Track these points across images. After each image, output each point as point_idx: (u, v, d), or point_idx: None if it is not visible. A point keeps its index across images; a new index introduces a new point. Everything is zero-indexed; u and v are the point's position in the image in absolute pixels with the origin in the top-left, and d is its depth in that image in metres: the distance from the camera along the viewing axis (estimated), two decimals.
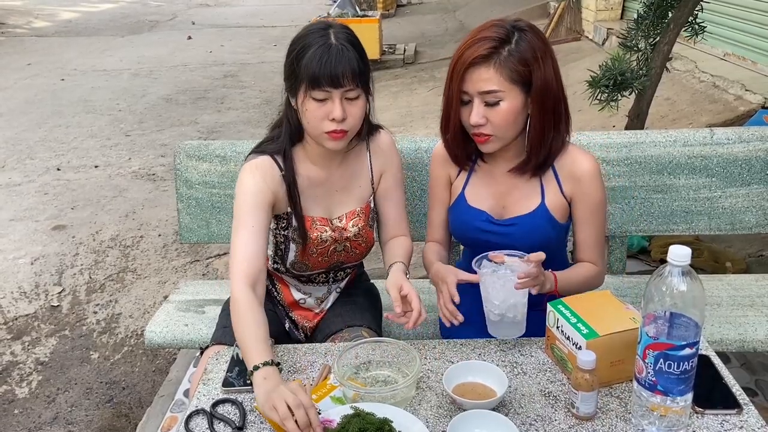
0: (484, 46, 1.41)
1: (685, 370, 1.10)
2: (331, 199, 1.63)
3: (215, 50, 9.64)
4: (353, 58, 1.43)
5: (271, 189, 1.53)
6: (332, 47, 1.42)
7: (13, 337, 2.98)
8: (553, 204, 1.55)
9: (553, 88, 1.46)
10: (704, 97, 4.51)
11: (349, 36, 1.47)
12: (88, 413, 2.49)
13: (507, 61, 1.41)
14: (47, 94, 7.40)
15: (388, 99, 6.61)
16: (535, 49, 1.43)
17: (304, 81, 1.42)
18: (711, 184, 2.05)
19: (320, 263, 1.65)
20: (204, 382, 1.34)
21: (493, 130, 1.46)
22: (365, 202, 1.66)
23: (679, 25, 2.55)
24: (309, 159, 1.59)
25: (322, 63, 1.40)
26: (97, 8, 14.96)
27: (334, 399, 1.26)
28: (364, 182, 1.66)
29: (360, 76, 1.44)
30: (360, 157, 1.65)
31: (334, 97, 1.43)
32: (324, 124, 1.45)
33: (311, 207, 1.61)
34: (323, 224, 1.61)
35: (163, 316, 2.00)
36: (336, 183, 1.62)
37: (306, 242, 1.59)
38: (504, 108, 1.44)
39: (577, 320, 1.28)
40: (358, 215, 1.64)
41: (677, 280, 1.07)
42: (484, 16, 10.62)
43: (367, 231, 1.66)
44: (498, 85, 1.42)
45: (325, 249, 1.62)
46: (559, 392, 1.27)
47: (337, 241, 1.62)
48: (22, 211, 4.31)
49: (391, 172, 1.68)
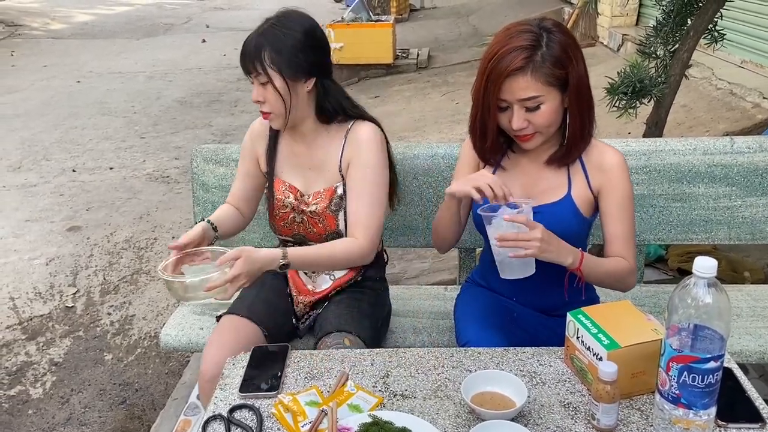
0: (518, 57, 1.41)
1: (710, 383, 1.08)
2: (305, 173, 1.75)
3: (229, 53, 9.68)
4: (263, 45, 1.57)
5: (258, 144, 1.79)
6: (251, 39, 1.59)
7: (27, 337, 2.99)
8: (579, 196, 1.55)
9: (586, 82, 1.49)
10: (721, 105, 4.48)
11: (275, 24, 1.60)
12: (101, 414, 2.50)
13: (542, 67, 1.42)
14: (63, 96, 7.47)
15: (401, 103, 6.62)
16: (566, 47, 1.44)
17: None
18: (731, 193, 2.03)
19: (284, 228, 1.77)
20: (221, 387, 1.34)
21: (536, 128, 1.49)
22: (331, 186, 1.72)
23: (698, 32, 2.52)
24: (292, 132, 1.76)
25: (242, 53, 1.61)
26: (112, 11, 15.10)
27: (351, 407, 1.25)
28: (333, 166, 1.72)
29: (262, 61, 1.57)
30: (335, 142, 1.72)
31: (253, 81, 1.62)
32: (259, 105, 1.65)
33: (289, 174, 1.76)
34: (291, 191, 1.74)
35: (178, 320, 2.00)
36: (308, 161, 1.74)
37: (269, 199, 1.76)
38: (545, 110, 1.46)
39: (598, 330, 1.26)
40: (321, 196, 1.72)
41: (702, 292, 1.06)
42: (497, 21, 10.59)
43: (327, 215, 1.71)
44: (536, 90, 1.43)
45: (285, 215, 1.75)
46: (579, 403, 1.26)
47: (296, 210, 1.73)
48: (38, 212, 4.34)
49: (356, 165, 1.68)
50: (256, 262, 1.52)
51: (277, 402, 1.27)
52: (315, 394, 1.29)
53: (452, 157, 2.06)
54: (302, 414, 1.23)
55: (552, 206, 1.56)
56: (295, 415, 1.23)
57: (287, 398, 1.27)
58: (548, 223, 1.50)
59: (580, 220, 1.56)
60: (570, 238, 1.52)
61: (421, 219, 2.11)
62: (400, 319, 1.97)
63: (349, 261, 1.69)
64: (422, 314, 2.01)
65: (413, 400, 1.27)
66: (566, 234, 1.51)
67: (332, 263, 1.70)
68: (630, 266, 1.55)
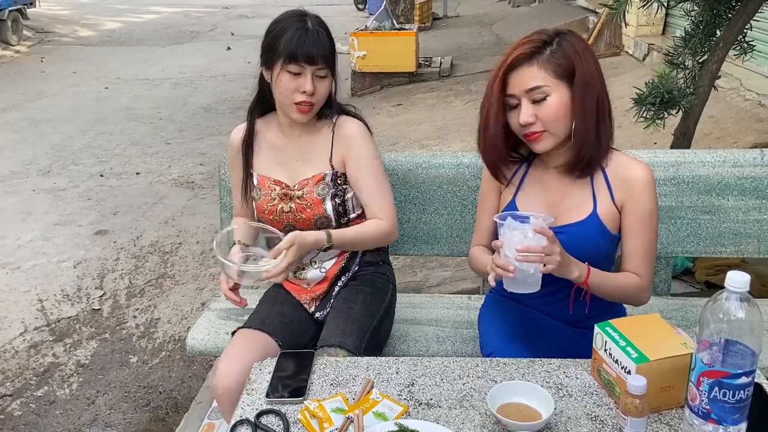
0: (526, 48, 1.45)
1: (741, 398, 1.07)
2: (290, 165, 1.79)
3: (253, 61, 9.68)
4: (326, 42, 1.66)
5: (239, 153, 1.82)
6: (309, 30, 1.64)
7: (55, 338, 3.05)
8: (604, 213, 1.53)
9: (597, 83, 1.47)
10: (749, 116, 4.41)
11: (322, 24, 1.69)
12: (126, 416, 2.53)
13: (550, 59, 1.44)
14: (92, 102, 7.62)
15: (423, 111, 6.63)
16: (577, 47, 1.46)
17: (282, 56, 1.63)
18: (761, 206, 2.00)
19: (273, 222, 1.77)
20: (248, 392, 1.35)
21: (543, 125, 1.47)
22: (319, 173, 1.76)
23: (728, 43, 2.50)
24: (275, 127, 1.81)
25: (301, 42, 1.62)
26: (140, 19, 15.37)
27: (376, 415, 1.25)
28: (322, 157, 1.77)
29: (330, 58, 1.66)
30: (322, 134, 1.78)
31: (306, 72, 1.64)
32: (295, 95, 1.65)
33: (273, 170, 1.79)
34: (276, 185, 1.77)
35: (205, 324, 2.02)
36: (294, 152, 1.79)
37: (252, 197, 1.80)
38: (551, 102, 1.45)
39: (627, 343, 1.25)
40: (308, 181, 1.76)
41: (735, 307, 1.05)
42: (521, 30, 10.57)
43: (314, 198, 1.74)
44: (543, 80, 1.44)
45: (274, 207, 1.77)
46: (607, 417, 1.25)
47: (283, 200, 1.76)
48: (66, 216, 4.43)
49: (355, 158, 1.75)
50: (305, 247, 1.64)
51: (304, 408, 1.28)
52: (341, 401, 1.30)
53: (477, 166, 2.06)
54: (328, 420, 1.24)
55: (578, 225, 1.53)
56: (321, 421, 1.24)
57: (313, 404, 1.28)
58: (576, 243, 1.50)
59: (607, 237, 1.54)
60: (598, 255, 1.52)
61: (446, 228, 2.11)
62: (424, 327, 1.97)
63: (379, 239, 1.78)
64: (446, 323, 2.01)
65: (438, 409, 1.27)
66: (595, 252, 1.51)
67: (366, 242, 1.78)
68: (641, 283, 1.53)
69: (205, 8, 17.11)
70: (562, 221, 1.55)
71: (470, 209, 2.09)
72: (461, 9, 14.36)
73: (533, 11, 11.47)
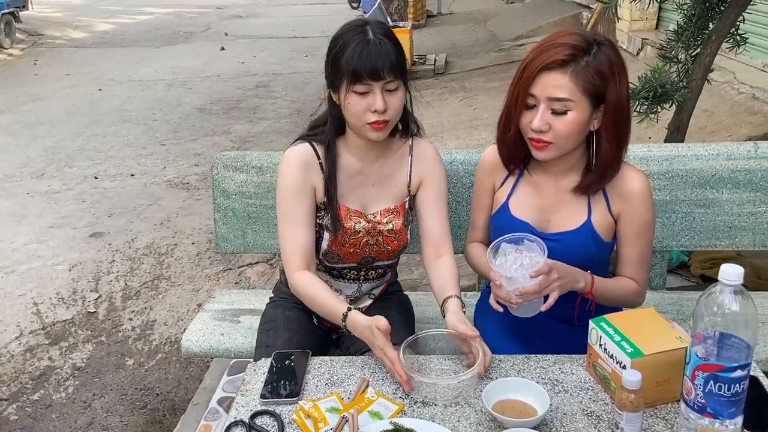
0: (563, 52, 1.37)
1: (736, 392, 1.07)
2: (366, 192, 1.66)
3: (247, 61, 9.78)
4: (391, 51, 1.49)
5: (309, 177, 1.60)
6: (371, 42, 1.48)
7: (51, 342, 3.03)
8: (599, 222, 1.52)
9: (626, 107, 1.45)
10: (744, 109, 4.42)
11: (386, 31, 1.53)
12: (123, 419, 2.52)
13: (584, 71, 1.38)
14: (85, 104, 7.59)
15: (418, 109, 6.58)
16: (614, 64, 1.40)
17: (346, 76, 1.48)
18: (755, 199, 2.00)
19: (352, 255, 1.66)
20: (242, 393, 1.34)
21: (554, 138, 1.42)
22: (401, 202, 1.68)
23: (720, 36, 2.50)
24: (349, 151, 1.65)
25: (363, 58, 1.46)
26: (133, 20, 15.32)
27: (372, 414, 1.25)
28: (400, 182, 1.68)
29: (398, 67, 1.50)
30: (400, 157, 1.68)
31: (374, 89, 1.49)
32: (366, 115, 1.51)
33: (348, 197, 1.65)
34: (357, 216, 1.64)
35: (200, 325, 2.02)
36: (372, 177, 1.66)
37: (338, 230, 1.61)
38: (570, 118, 1.40)
39: (621, 338, 1.25)
40: (392, 213, 1.66)
41: (729, 300, 1.04)
42: (515, 26, 10.57)
43: (401, 230, 1.67)
44: (570, 93, 1.38)
45: (357, 240, 1.64)
46: (602, 412, 1.24)
47: (370, 233, 1.64)
48: (61, 218, 4.41)
49: (432, 182, 1.68)
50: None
51: (298, 408, 1.27)
52: (336, 401, 1.29)
53: (471, 162, 2.05)
54: (323, 420, 1.23)
55: (572, 234, 1.52)
56: (315, 421, 1.23)
57: (308, 404, 1.27)
58: (568, 251, 1.50)
59: (600, 245, 1.54)
60: (591, 263, 1.52)
61: None
62: (419, 325, 1.96)
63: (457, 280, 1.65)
64: (441, 321, 2.00)
65: (434, 407, 1.27)
66: (587, 260, 1.51)
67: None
68: (637, 288, 1.55)
69: (198, 8, 17.07)
70: (556, 228, 1.54)
71: (464, 206, 2.08)
72: (455, 6, 14.35)
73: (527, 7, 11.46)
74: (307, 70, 8.89)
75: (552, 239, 1.53)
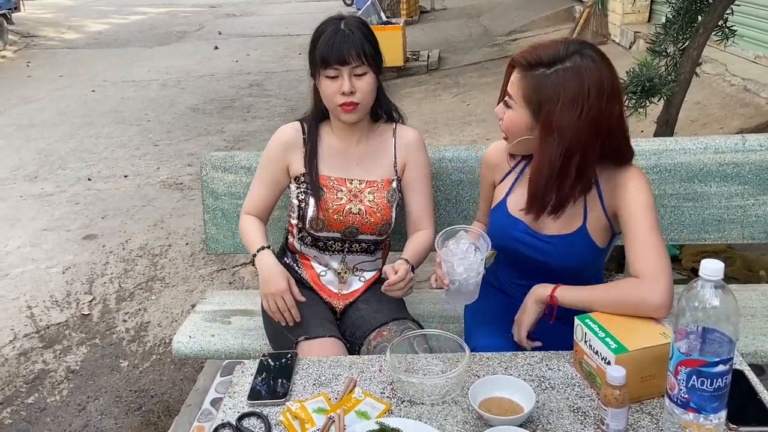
0: (526, 57, 1.42)
1: (719, 387, 1.07)
2: (349, 166, 1.79)
3: (241, 59, 9.75)
4: (359, 39, 1.65)
5: (289, 148, 1.78)
6: (340, 32, 1.65)
7: (44, 345, 3.03)
8: (595, 228, 1.49)
9: (568, 136, 1.36)
10: (735, 101, 4.42)
11: (359, 24, 1.69)
12: (117, 421, 2.52)
13: (528, 80, 1.41)
14: (78, 105, 7.57)
15: (411, 106, 6.61)
16: (560, 91, 1.35)
17: (318, 63, 1.66)
18: (743, 192, 2.01)
19: (336, 223, 1.75)
20: (230, 394, 1.35)
21: (505, 128, 1.51)
22: (386, 178, 1.78)
23: (708, 29, 2.50)
24: (332, 133, 1.81)
25: (331, 45, 1.64)
26: (126, 20, 15.27)
27: (359, 414, 1.25)
28: (386, 163, 1.79)
29: (365, 54, 1.65)
30: (384, 140, 1.81)
31: (343, 73, 1.65)
32: (336, 98, 1.67)
33: (329, 169, 1.78)
34: (340, 183, 1.76)
35: (190, 327, 2.02)
36: (355, 157, 1.79)
37: (320, 196, 1.74)
38: (511, 115, 1.47)
39: (606, 335, 1.25)
40: (376, 185, 1.77)
41: (709, 295, 1.04)
42: (508, 21, 10.56)
43: (384, 205, 1.76)
44: (513, 94, 1.45)
45: (341, 206, 1.74)
46: (588, 408, 1.25)
47: (352, 201, 1.75)
48: (54, 221, 4.40)
49: (415, 165, 1.80)
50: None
51: (285, 409, 1.27)
52: (323, 401, 1.29)
53: (459, 159, 2.05)
54: (310, 421, 1.23)
55: (565, 238, 1.51)
56: (302, 422, 1.23)
57: (295, 405, 1.27)
58: (560, 256, 1.50)
59: (594, 252, 1.52)
60: (584, 269, 1.52)
61: None
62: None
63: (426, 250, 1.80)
64: (432, 318, 2.01)
65: (421, 406, 1.27)
66: (580, 266, 1.51)
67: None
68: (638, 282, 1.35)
69: (192, 7, 17.01)
70: (550, 229, 1.53)
71: (453, 204, 2.08)
72: (448, 1, 14.31)
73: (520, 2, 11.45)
74: (301, 68, 8.82)
75: (545, 240, 1.52)
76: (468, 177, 2.05)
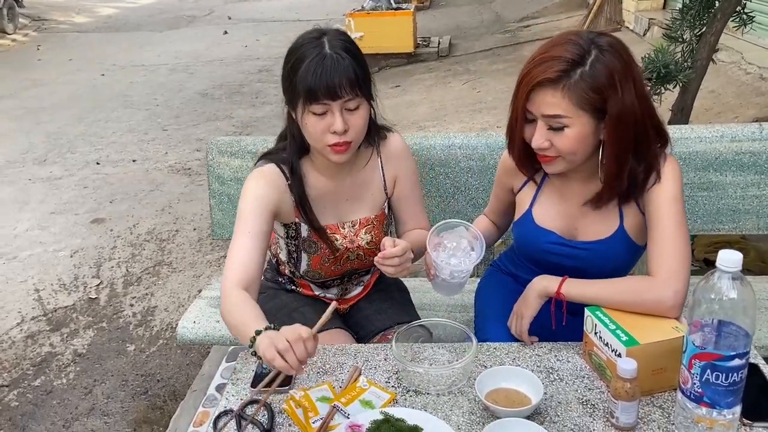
0: (553, 68, 1.27)
1: (734, 381, 1.04)
2: (339, 208, 1.58)
3: (251, 45, 9.71)
4: (349, 66, 1.37)
5: (275, 197, 1.48)
6: (326, 57, 1.36)
7: (52, 328, 3.04)
8: (633, 226, 1.41)
9: (634, 115, 1.29)
10: (751, 90, 4.35)
11: (345, 43, 1.41)
12: (123, 405, 2.52)
13: (577, 86, 1.26)
14: (88, 89, 7.57)
15: (422, 93, 6.55)
16: (613, 72, 1.27)
17: (301, 95, 1.37)
18: (760, 182, 1.96)
19: (333, 272, 1.62)
20: (233, 382, 1.33)
21: (558, 152, 1.34)
22: (380, 210, 1.61)
23: (726, 15, 2.44)
24: (317, 170, 1.55)
25: (318, 75, 1.34)
26: (136, 4, 15.24)
27: (363, 403, 1.23)
28: (376, 190, 1.60)
29: (358, 84, 1.38)
30: (370, 164, 1.59)
31: (333, 109, 1.38)
32: (326, 137, 1.40)
33: (322, 217, 1.56)
34: (333, 232, 1.57)
35: (195, 313, 2.00)
36: (345, 193, 1.57)
37: (317, 251, 1.56)
38: (569, 134, 1.30)
39: (616, 327, 1.22)
40: (372, 223, 1.59)
41: (727, 287, 1.01)
42: (520, 7, 10.43)
43: (381, 237, 1.56)
44: (564, 110, 1.28)
45: (339, 257, 1.58)
46: (598, 400, 1.22)
47: (350, 249, 1.58)
48: (63, 205, 4.40)
49: (405, 176, 1.62)
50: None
51: (289, 398, 1.26)
52: (327, 390, 1.27)
53: (469, 147, 2.02)
54: (314, 410, 1.22)
55: (604, 243, 1.42)
56: (306, 411, 1.22)
57: (299, 394, 1.26)
58: (598, 261, 1.42)
59: (634, 251, 1.44)
60: (621, 271, 1.45)
61: (439, 210, 2.08)
62: (418, 311, 1.94)
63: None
64: (439, 308, 1.98)
65: (426, 396, 1.25)
66: (619, 268, 1.44)
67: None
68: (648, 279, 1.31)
69: None
70: (585, 237, 1.44)
71: (463, 191, 2.05)
72: None
73: None
74: None
75: (581, 248, 1.44)
76: (478, 164, 2.02)
